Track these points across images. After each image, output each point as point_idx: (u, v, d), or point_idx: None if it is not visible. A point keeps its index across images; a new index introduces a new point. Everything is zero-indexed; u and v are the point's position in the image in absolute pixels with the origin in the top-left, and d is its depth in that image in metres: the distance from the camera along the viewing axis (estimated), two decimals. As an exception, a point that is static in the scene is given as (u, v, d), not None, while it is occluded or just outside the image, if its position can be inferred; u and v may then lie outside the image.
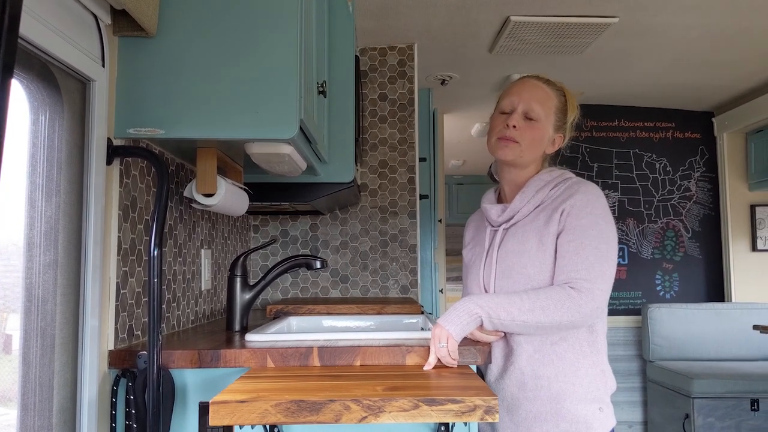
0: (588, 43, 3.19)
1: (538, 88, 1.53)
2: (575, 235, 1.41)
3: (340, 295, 2.95)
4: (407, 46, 3.08)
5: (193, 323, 2.04)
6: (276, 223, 2.97)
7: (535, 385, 1.44)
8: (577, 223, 1.42)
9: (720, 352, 4.02)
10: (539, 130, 1.51)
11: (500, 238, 1.54)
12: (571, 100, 1.58)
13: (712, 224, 4.55)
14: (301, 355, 1.43)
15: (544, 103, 1.52)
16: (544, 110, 1.51)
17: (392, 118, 3.05)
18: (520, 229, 1.51)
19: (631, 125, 4.57)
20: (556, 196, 1.49)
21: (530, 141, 1.50)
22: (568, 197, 1.46)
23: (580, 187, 1.48)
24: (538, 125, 1.51)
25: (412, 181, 3.04)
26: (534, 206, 1.51)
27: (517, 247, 1.49)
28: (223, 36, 1.51)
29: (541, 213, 1.49)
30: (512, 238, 1.51)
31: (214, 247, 2.28)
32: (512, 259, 1.49)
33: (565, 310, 1.36)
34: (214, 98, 1.50)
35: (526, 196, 1.51)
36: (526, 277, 1.46)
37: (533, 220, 1.50)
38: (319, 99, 1.94)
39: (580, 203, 1.44)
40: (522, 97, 1.52)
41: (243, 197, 1.98)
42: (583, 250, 1.40)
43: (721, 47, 3.33)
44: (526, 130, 1.50)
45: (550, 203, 1.49)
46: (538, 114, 1.50)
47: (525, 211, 1.51)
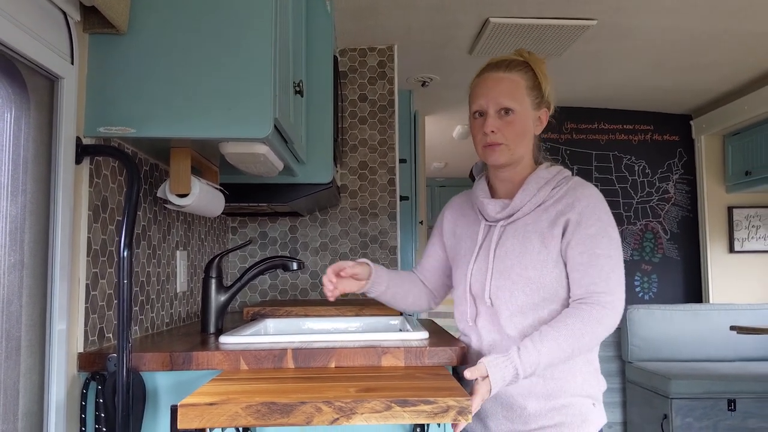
0: (567, 45, 3.20)
1: (501, 81, 1.46)
2: (586, 246, 1.39)
3: (319, 297, 2.93)
4: (387, 47, 3.08)
5: (168, 325, 2.01)
6: (254, 224, 2.94)
7: (530, 382, 1.41)
8: (587, 233, 1.39)
9: (698, 353, 4.05)
10: (519, 121, 1.45)
11: (498, 236, 1.48)
12: (540, 68, 1.50)
13: (690, 226, 4.59)
14: (275, 357, 1.41)
15: (513, 92, 1.45)
16: (516, 99, 1.45)
17: (372, 119, 3.04)
18: (521, 229, 1.46)
19: (611, 127, 4.60)
20: (558, 198, 1.45)
21: (514, 136, 1.45)
22: (572, 203, 1.43)
23: (584, 191, 1.44)
24: (516, 117, 1.45)
25: (392, 183, 3.02)
26: (535, 205, 1.46)
27: (518, 248, 1.44)
28: (195, 33, 1.49)
29: (544, 214, 1.45)
30: (512, 237, 1.46)
31: (190, 249, 2.25)
32: (512, 260, 1.43)
33: (598, 333, 1.35)
34: (186, 96, 1.48)
35: (528, 193, 1.46)
36: (525, 279, 1.41)
37: (535, 221, 1.45)
38: (296, 98, 1.92)
39: (587, 211, 1.41)
40: (489, 96, 1.46)
41: (219, 198, 1.96)
42: (597, 261, 1.37)
43: (698, 50, 3.36)
44: (505, 128, 1.45)
45: (553, 204, 1.45)
46: (513, 107, 1.44)
47: (526, 210, 1.46)
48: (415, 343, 1.50)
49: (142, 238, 1.78)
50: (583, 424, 1.41)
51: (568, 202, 1.43)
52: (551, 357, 1.32)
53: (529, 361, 1.31)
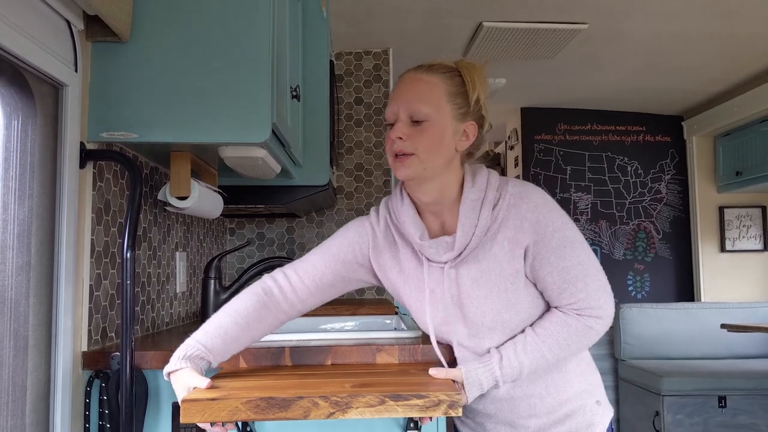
0: (559, 48, 3.25)
1: (417, 82, 1.25)
2: (553, 265, 1.24)
3: (316, 297, 2.97)
4: (382, 50, 3.12)
5: (168, 325, 2.05)
6: (252, 225, 2.99)
7: (528, 404, 1.33)
8: (548, 249, 1.24)
9: (689, 351, 4.10)
10: (433, 129, 1.23)
11: (452, 281, 1.29)
12: (470, 75, 1.27)
13: (682, 226, 4.63)
14: (273, 355, 1.46)
15: (429, 96, 1.23)
16: (432, 104, 1.23)
17: (368, 121, 3.09)
18: (473, 268, 1.28)
19: (603, 129, 4.64)
20: (502, 220, 1.26)
21: (426, 146, 1.23)
22: (522, 224, 1.24)
23: (527, 204, 1.25)
24: (430, 124, 1.23)
25: (387, 184, 3.07)
26: (480, 235, 1.26)
27: (479, 292, 1.27)
28: (195, 41, 1.54)
29: (493, 245, 1.26)
30: (467, 279, 1.28)
31: (189, 250, 2.30)
32: (480, 306, 1.28)
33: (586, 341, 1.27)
34: (186, 102, 1.52)
35: (468, 225, 1.26)
36: (501, 323, 1.28)
37: (486, 255, 1.27)
38: (293, 103, 1.96)
39: (539, 227, 1.24)
40: (401, 100, 1.25)
41: (217, 200, 2.00)
42: (569, 275, 1.24)
43: (689, 52, 3.42)
44: (416, 137, 1.23)
45: (499, 229, 1.26)
46: (424, 113, 1.23)
47: (472, 245, 1.27)
48: (408, 341, 1.54)
49: (142, 239, 1.83)
50: (590, 428, 1.33)
51: (516, 225, 1.25)
52: (534, 366, 1.26)
53: (510, 372, 1.25)
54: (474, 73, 1.27)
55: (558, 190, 4.61)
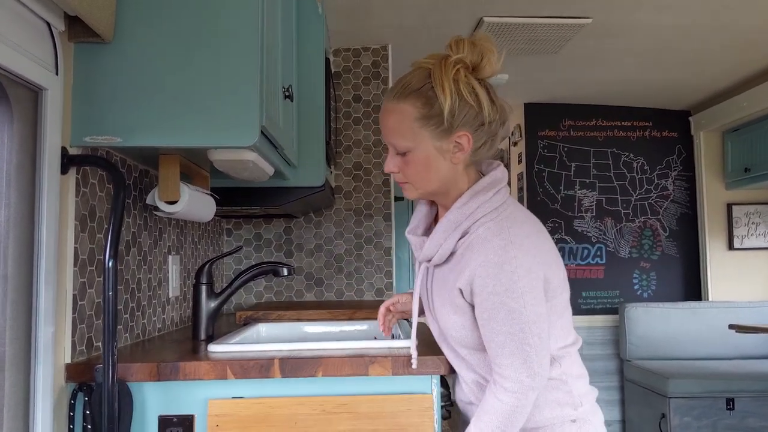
0: (563, 43, 3.18)
1: (388, 115, 1.26)
2: (484, 320, 1.23)
3: (314, 299, 2.93)
4: (381, 46, 3.06)
5: (160, 331, 2.01)
6: (249, 226, 2.94)
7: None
8: (483, 306, 1.22)
9: (696, 351, 4.04)
10: (416, 158, 1.25)
11: (430, 278, 1.39)
12: (438, 81, 1.21)
13: (689, 223, 4.56)
14: (262, 367, 1.41)
15: (400, 128, 1.24)
16: (406, 136, 1.24)
17: (366, 119, 3.03)
18: (441, 280, 1.33)
19: (609, 124, 4.57)
20: (461, 254, 1.26)
21: (415, 174, 1.27)
22: (465, 269, 1.24)
23: (480, 253, 1.22)
24: (412, 155, 1.25)
25: (386, 183, 3.02)
26: (445, 256, 1.29)
27: (440, 301, 1.34)
28: (181, 42, 1.48)
29: (451, 273, 1.28)
30: (437, 286, 1.36)
31: (183, 253, 2.25)
32: (439, 313, 1.35)
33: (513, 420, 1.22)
34: (172, 105, 1.47)
35: (435, 242, 1.29)
36: (452, 338, 1.34)
37: (446, 275, 1.30)
38: (286, 103, 1.91)
39: (477, 284, 1.22)
40: (384, 134, 1.29)
41: (209, 203, 1.95)
42: (497, 337, 1.21)
43: (696, 46, 3.34)
44: (405, 168, 1.27)
45: (458, 261, 1.27)
46: (402, 146, 1.25)
47: (437, 260, 1.31)
48: (403, 352, 1.50)
49: (132, 244, 1.78)
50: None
51: (462, 268, 1.25)
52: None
53: None
54: (445, 71, 1.20)
55: (562, 187, 4.54)
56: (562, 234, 4.52)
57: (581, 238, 4.51)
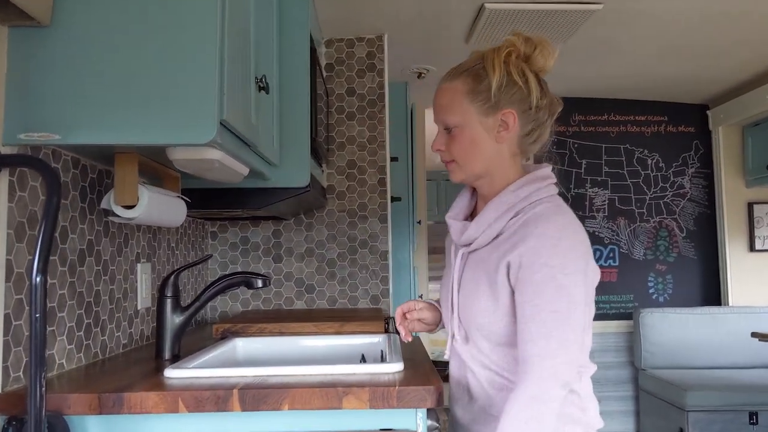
0: (571, 31, 2.97)
1: (440, 93, 1.31)
2: (529, 295, 1.17)
3: (305, 307, 2.74)
4: (376, 36, 2.86)
5: (125, 347, 1.83)
6: (235, 229, 2.75)
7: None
8: (531, 279, 1.17)
9: (716, 360, 3.81)
10: (462, 135, 1.27)
11: (462, 265, 1.33)
12: (489, 62, 1.26)
13: (708, 223, 4.37)
14: (219, 399, 1.22)
15: (450, 104, 1.28)
16: (455, 111, 1.27)
17: (361, 114, 2.84)
18: (476, 262, 1.29)
19: (622, 119, 4.39)
20: (512, 233, 1.23)
21: (461, 151, 1.28)
22: (519, 242, 1.20)
23: (537, 226, 1.20)
24: (459, 131, 1.27)
25: (382, 183, 2.82)
26: (491, 237, 1.26)
27: (471, 287, 1.29)
28: (128, 25, 1.29)
29: (495, 251, 1.25)
30: (469, 271, 1.31)
31: (156, 260, 2.07)
32: (467, 300, 1.29)
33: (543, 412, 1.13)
34: (118, 97, 1.28)
35: (483, 222, 1.27)
36: (477, 327, 1.27)
37: (487, 257, 1.26)
38: (261, 96, 1.72)
39: (533, 254, 1.18)
40: (435, 113, 1.33)
41: (177, 207, 1.77)
42: (539, 315, 1.15)
43: (715, 34, 3.12)
44: (451, 144, 1.29)
45: (505, 240, 1.24)
46: (451, 121, 1.28)
47: (482, 241, 1.28)
48: (385, 378, 1.31)
49: (87, 253, 1.60)
50: None
51: (515, 242, 1.21)
52: None
53: None
54: (498, 54, 1.26)
55: (572, 185, 4.33)
56: (573, 235, 4.31)
57: (593, 239, 4.30)
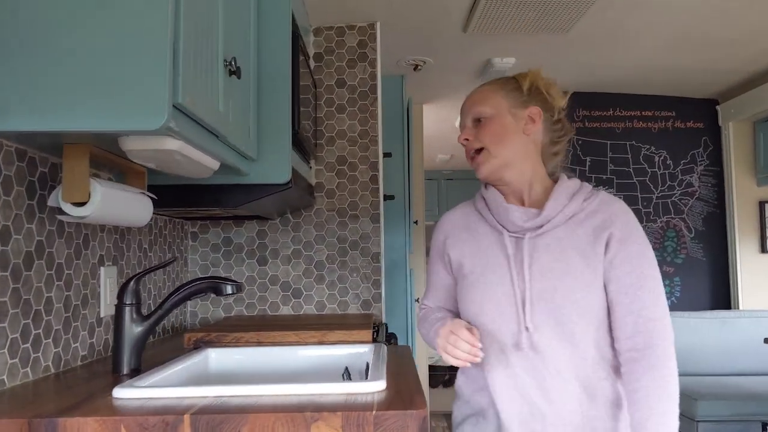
0: (574, 19, 2.80)
1: (475, 94, 1.43)
2: (633, 266, 1.28)
3: (291, 312, 2.57)
4: (368, 24, 2.69)
5: (84, 359, 1.66)
6: (217, 229, 2.58)
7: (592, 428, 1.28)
8: (632, 250, 1.29)
9: (726, 367, 3.64)
10: (493, 122, 1.37)
11: (529, 250, 1.32)
12: (522, 75, 1.43)
13: (718, 223, 4.22)
14: (167, 426, 1.05)
15: (487, 99, 1.40)
16: (489, 103, 1.39)
17: (352, 107, 2.66)
18: (553, 243, 1.32)
19: (627, 114, 4.24)
20: (592, 211, 1.34)
21: (490, 137, 1.36)
22: (610, 218, 1.32)
23: (620, 206, 1.35)
24: (489, 119, 1.38)
25: (375, 180, 2.65)
26: (567, 217, 1.34)
27: (556, 265, 1.30)
28: (66, -7, 1.13)
29: (578, 228, 1.32)
30: (545, 253, 1.31)
31: (123, 263, 1.90)
32: (552, 280, 1.28)
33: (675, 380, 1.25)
34: (52, 75, 1.12)
35: (559, 203, 1.34)
36: (572, 303, 1.27)
37: (569, 235, 1.32)
38: (232, 82, 1.55)
39: (628, 227, 1.32)
40: (464, 111, 1.44)
41: (140, 204, 1.60)
42: (646, 282, 1.27)
43: (727, 23, 2.94)
44: (480, 132, 1.38)
45: (586, 218, 1.34)
46: (484, 112, 1.39)
47: (557, 221, 1.33)
48: (362, 400, 1.14)
49: (36, 256, 1.43)
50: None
51: (605, 218, 1.33)
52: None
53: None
54: (527, 72, 1.43)
55: (576, 183, 4.17)
56: (576, 235, 4.15)
57: (597, 240, 4.14)
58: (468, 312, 1.36)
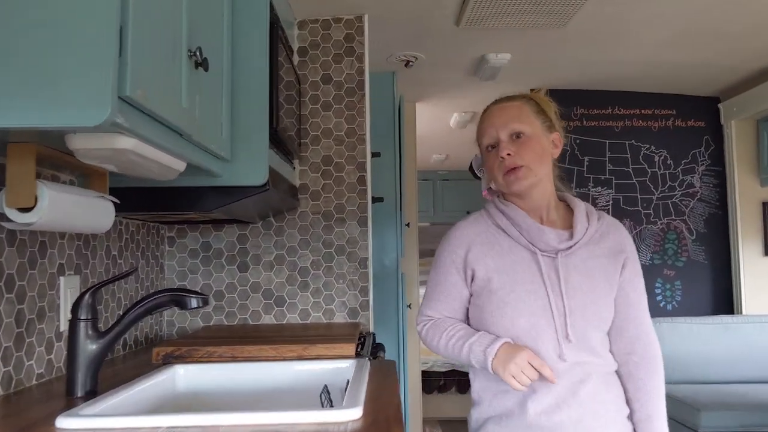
0: (571, 12, 2.67)
1: (507, 109, 1.48)
2: (636, 283, 1.47)
3: (274, 322, 2.44)
4: (355, 17, 2.56)
5: (41, 378, 1.52)
6: (195, 233, 2.45)
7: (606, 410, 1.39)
8: (636, 269, 1.48)
9: (730, 374, 3.51)
10: (534, 141, 1.45)
11: (562, 270, 1.41)
12: (540, 99, 1.52)
13: (720, 225, 4.09)
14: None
15: (521, 116, 1.46)
16: (525, 121, 1.45)
17: (338, 104, 2.53)
18: (580, 264, 1.42)
19: (627, 113, 4.10)
20: (606, 232, 1.48)
21: (532, 156, 1.43)
22: (622, 240, 1.48)
23: (624, 228, 1.52)
24: (530, 138, 1.44)
25: (362, 181, 2.52)
26: (589, 237, 1.45)
27: (585, 284, 1.41)
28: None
29: (596, 248, 1.45)
30: (574, 272, 1.41)
31: (88, 271, 1.77)
32: (583, 298, 1.39)
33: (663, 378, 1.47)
34: (-18, 66, 0.98)
35: (583, 225, 1.45)
36: (599, 319, 1.41)
37: (591, 255, 1.44)
38: (200, 75, 1.42)
39: (633, 249, 1.49)
40: (498, 124, 1.46)
41: (98, 209, 1.47)
42: (642, 296, 1.48)
43: (732, 16, 2.82)
44: (522, 149, 1.43)
45: (601, 238, 1.46)
46: (523, 129, 1.44)
47: (582, 242, 1.44)
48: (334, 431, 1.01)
49: (-20, 267, 1.29)
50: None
51: (617, 239, 1.47)
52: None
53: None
54: (542, 97, 1.53)
55: (574, 184, 4.04)
56: (574, 237, 4.02)
57: (595, 243, 4.01)
58: (495, 326, 1.39)
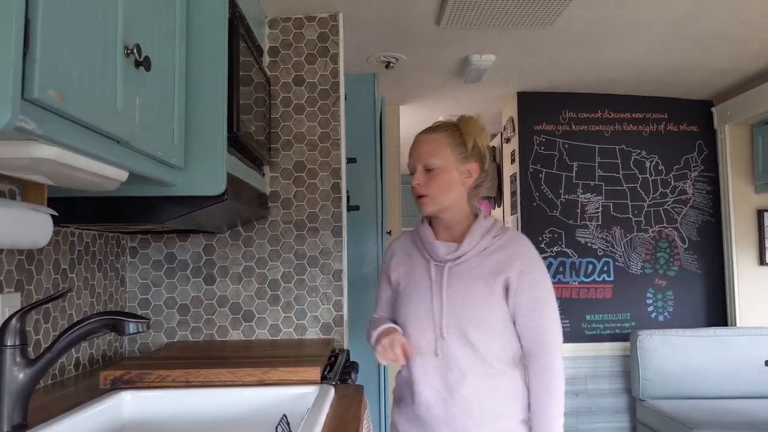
0: (557, 11, 2.54)
1: (425, 142, 1.66)
2: (531, 292, 1.60)
3: (242, 338, 2.30)
4: (330, 15, 2.43)
5: (-31, 408, 1.38)
6: (159, 244, 2.31)
7: (481, 410, 1.58)
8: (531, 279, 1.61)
9: (723, 389, 3.39)
10: (441, 175, 1.63)
11: (446, 276, 1.63)
12: (466, 127, 1.66)
13: (713, 233, 3.97)
14: None
15: (436, 151, 1.63)
16: (438, 156, 1.63)
17: (311, 107, 2.40)
18: (465, 271, 1.63)
19: (617, 117, 3.99)
20: (499, 246, 1.64)
21: (437, 188, 1.63)
22: (514, 253, 1.63)
23: (521, 243, 1.66)
24: (439, 171, 1.63)
25: (337, 188, 2.38)
26: (479, 250, 1.64)
27: (464, 290, 1.61)
28: None
29: (486, 260, 1.63)
30: (457, 279, 1.63)
31: (32, 288, 1.63)
32: (461, 301, 1.61)
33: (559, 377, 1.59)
34: None
35: (473, 240, 1.64)
36: (476, 321, 1.59)
37: (478, 265, 1.63)
38: (140, 75, 1.28)
39: (528, 260, 1.63)
40: (415, 155, 1.66)
41: (30, 222, 1.33)
42: (538, 304, 1.61)
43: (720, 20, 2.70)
44: (429, 182, 1.63)
45: (494, 251, 1.64)
46: (434, 163, 1.63)
47: (471, 254, 1.64)
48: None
49: None
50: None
51: (509, 254, 1.63)
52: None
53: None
54: (469, 125, 1.67)
55: (563, 190, 3.92)
56: (563, 246, 3.89)
57: (585, 251, 3.90)
58: (399, 321, 1.68)
